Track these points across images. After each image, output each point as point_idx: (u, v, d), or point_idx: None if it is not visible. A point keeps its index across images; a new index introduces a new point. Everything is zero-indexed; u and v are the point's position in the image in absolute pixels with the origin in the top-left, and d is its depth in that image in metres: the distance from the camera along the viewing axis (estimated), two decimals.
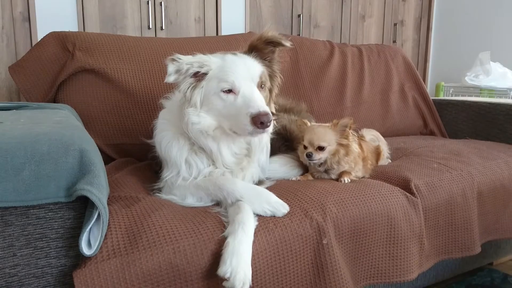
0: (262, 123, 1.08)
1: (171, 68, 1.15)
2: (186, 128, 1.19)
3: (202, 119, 1.18)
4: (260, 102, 1.12)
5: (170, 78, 1.15)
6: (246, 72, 1.17)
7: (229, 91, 1.15)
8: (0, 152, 0.81)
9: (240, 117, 1.12)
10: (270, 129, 1.13)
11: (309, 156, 1.34)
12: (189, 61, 1.15)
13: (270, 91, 1.29)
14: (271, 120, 1.10)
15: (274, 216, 1.12)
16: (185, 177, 1.22)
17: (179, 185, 1.21)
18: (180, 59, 1.15)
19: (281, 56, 2.19)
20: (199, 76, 1.18)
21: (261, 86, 1.21)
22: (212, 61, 1.19)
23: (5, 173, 0.81)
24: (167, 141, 1.25)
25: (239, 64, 1.18)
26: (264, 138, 1.29)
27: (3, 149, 0.82)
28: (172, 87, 1.33)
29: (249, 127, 1.10)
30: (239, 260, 0.95)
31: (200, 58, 1.18)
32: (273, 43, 1.27)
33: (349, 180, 1.38)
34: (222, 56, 1.21)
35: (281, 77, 1.34)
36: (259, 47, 1.26)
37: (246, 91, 1.14)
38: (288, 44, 1.26)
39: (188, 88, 1.18)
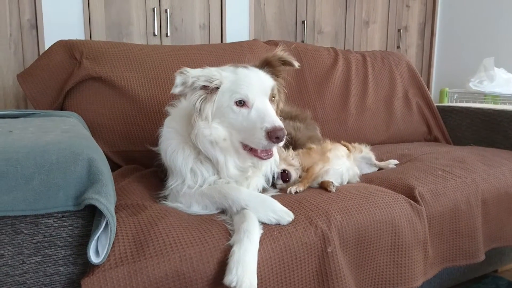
0: (277, 137, 1.10)
1: (178, 80, 1.16)
2: (196, 140, 1.19)
3: (213, 131, 1.18)
4: (274, 117, 1.14)
5: (176, 90, 1.17)
6: (259, 86, 1.18)
7: (243, 104, 1.16)
8: (11, 161, 0.83)
9: (254, 131, 1.13)
10: (283, 142, 1.15)
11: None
12: (195, 75, 1.16)
13: (277, 104, 1.32)
14: (285, 135, 1.12)
15: (279, 224, 1.12)
16: (190, 185, 1.23)
17: (184, 193, 1.22)
18: (187, 72, 1.16)
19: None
20: (210, 89, 1.19)
21: (271, 99, 1.23)
22: (223, 76, 1.19)
23: (15, 182, 0.83)
24: (172, 150, 1.26)
25: (253, 77, 1.19)
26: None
27: (13, 159, 0.83)
28: (178, 95, 1.35)
29: (264, 141, 1.11)
30: (244, 269, 0.96)
31: (208, 72, 1.18)
32: (285, 63, 1.31)
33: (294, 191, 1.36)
34: (233, 70, 1.22)
35: (285, 91, 1.37)
36: (273, 64, 1.29)
37: (260, 104, 1.16)
38: (296, 65, 1.31)
39: (197, 100, 1.18)
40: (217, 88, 1.18)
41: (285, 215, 1.13)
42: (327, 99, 2.27)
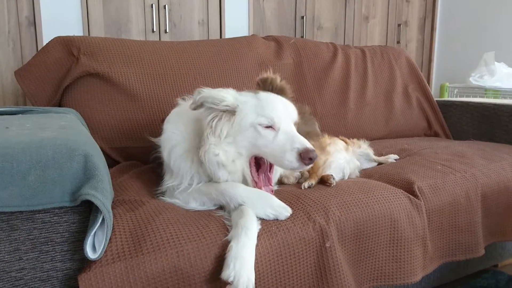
0: (310, 158, 1.11)
1: (194, 96, 1.17)
2: (204, 156, 1.16)
3: (221, 151, 1.16)
4: (304, 139, 1.15)
5: (192, 106, 1.18)
6: (285, 110, 1.19)
7: (268, 127, 1.15)
8: (6, 157, 0.82)
9: (284, 153, 1.12)
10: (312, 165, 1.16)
11: None
12: (205, 96, 1.15)
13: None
14: (316, 156, 1.13)
15: (277, 220, 1.12)
16: (188, 186, 1.22)
17: (181, 190, 1.21)
18: (202, 91, 1.16)
19: (284, 58, 2.21)
20: (225, 110, 1.17)
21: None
22: (241, 100, 1.17)
23: (11, 178, 0.82)
24: (177, 155, 1.24)
25: (277, 101, 1.20)
26: None
27: (8, 155, 0.83)
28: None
29: (295, 163, 1.12)
30: (242, 264, 0.96)
31: (217, 95, 1.15)
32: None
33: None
34: (253, 95, 1.20)
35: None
36: (286, 91, 1.32)
37: (287, 128, 1.16)
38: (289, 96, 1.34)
39: (211, 118, 1.16)
40: (233, 110, 1.17)
41: (283, 210, 1.13)
42: (327, 94, 2.26)
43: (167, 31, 2.98)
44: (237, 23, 3.29)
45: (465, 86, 3.67)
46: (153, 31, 2.93)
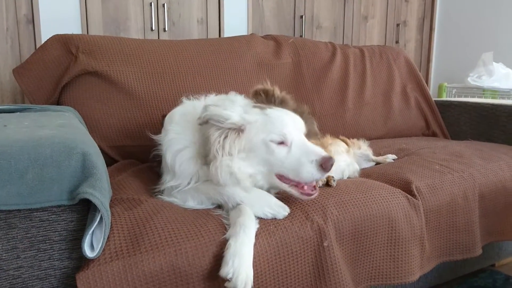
0: (331, 165, 1.11)
1: (201, 113, 1.15)
2: (215, 170, 1.12)
3: (236, 168, 1.13)
4: (318, 148, 1.14)
5: (198, 121, 1.16)
6: (293, 124, 1.18)
7: (280, 143, 1.14)
8: (4, 156, 0.82)
9: (301, 166, 1.11)
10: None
11: None
12: (219, 113, 1.12)
13: None
14: (334, 161, 1.13)
15: (275, 219, 1.12)
16: (188, 183, 1.22)
17: (180, 189, 1.21)
18: (207, 108, 1.13)
19: (283, 57, 2.21)
20: (231, 129, 1.15)
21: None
22: (248, 119, 1.15)
23: (9, 176, 0.82)
24: (184, 159, 1.22)
25: (286, 117, 1.18)
26: None
27: (6, 153, 0.83)
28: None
29: (317, 174, 1.11)
30: (241, 261, 0.96)
31: (223, 113, 1.13)
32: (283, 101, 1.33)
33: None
34: (261, 111, 1.18)
35: None
36: (286, 101, 1.31)
37: (299, 141, 1.15)
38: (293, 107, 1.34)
39: (217, 135, 1.13)
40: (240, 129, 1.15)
41: (281, 210, 1.13)
42: (325, 94, 2.26)
43: (166, 29, 2.98)
44: (236, 22, 3.29)
45: (464, 86, 3.68)
46: (152, 29, 2.93)
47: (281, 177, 1.15)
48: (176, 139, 1.24)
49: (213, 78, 1.95)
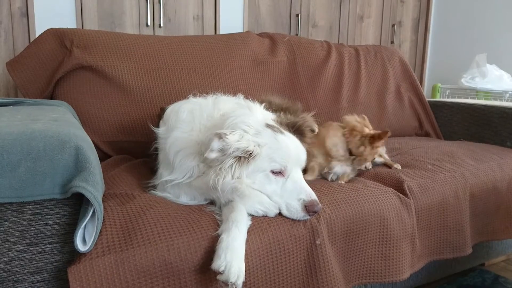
0: (314, 211, 1.13)
1: (215, 145, 1.06)
2: (217, 183, 1.10)
3: (244, 185, 1.12)
4: (310, 189, 1.15)
5: (212, 155, 1.07)
6: (296, 157, 1.18)
7: (278, 173, 1.15)
8: None
9: (290, 200, 1.13)
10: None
11: None
12: (237, 146, 1.07)
13: None
14: (320, 209, 1.14)
15: (266, 216, 1.13)
16: (182, 177, 1.22)
17: (173, 184, 1.21)
18: (227, 139, 1.06)
19: (279, 56, 2.21)
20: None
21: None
22: (261, 143, 1.13)
23: (1, 169, 0.82)
24: (185, 155, 1.21)
25: (292, 148, 1.17)
26: None
27: None
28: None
29: (300, 213, 1.12)
30: (233, 254, 0.96)
31: (246, 143, 1.09)
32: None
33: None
34: (273, 134, 1.16)
35: None
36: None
37: (296, 176, 1.16)
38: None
39: (229, 163, 1.10)
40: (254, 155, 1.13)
41: (272, 207, 1.13)
42: (320, 92, 2.27)
43: (162, 25, 2.97)
44: (232, 19, 3.28)
45: (457, 87, 3.70)
46: (147, 25, 2.91)
47: None
48: (183, 138, 1.23)
49: (208, 75, 1.94)
